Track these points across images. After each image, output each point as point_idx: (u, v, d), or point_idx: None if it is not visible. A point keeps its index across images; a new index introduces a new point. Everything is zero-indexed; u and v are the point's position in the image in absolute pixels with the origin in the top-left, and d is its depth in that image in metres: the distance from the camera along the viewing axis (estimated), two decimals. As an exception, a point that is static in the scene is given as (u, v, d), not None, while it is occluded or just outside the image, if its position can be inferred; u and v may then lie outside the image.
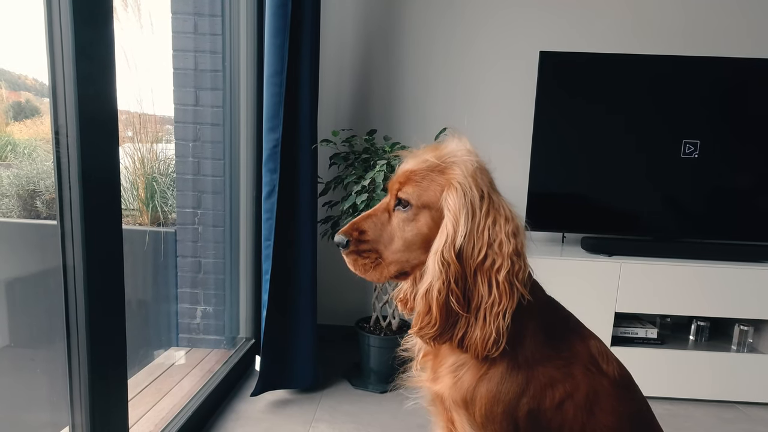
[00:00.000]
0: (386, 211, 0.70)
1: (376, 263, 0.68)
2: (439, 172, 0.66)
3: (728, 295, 1.76)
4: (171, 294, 1.98)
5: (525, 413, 0.64)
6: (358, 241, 0.68)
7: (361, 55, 2.10)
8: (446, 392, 0.68)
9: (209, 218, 1.93)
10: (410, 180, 0.67)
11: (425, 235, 0.67)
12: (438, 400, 0.71)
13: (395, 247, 0.68)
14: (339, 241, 0.70)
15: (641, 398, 0.75)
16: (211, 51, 1.86)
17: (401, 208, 0.68)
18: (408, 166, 0.70)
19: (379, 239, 0.68)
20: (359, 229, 0.69)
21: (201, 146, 1.90)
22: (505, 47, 2.05)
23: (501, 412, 0.64)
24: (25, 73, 1.61)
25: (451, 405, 0.68)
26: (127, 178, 1.97)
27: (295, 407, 1.64)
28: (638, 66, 1.85)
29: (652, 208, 1.92)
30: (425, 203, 0.66)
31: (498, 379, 0.64)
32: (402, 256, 0.68)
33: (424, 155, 0.69)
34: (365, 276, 0.70)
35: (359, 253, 0.68)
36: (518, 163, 2.08)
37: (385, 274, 0.69)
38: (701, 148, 1.84)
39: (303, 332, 1.71)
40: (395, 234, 0.68)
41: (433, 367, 0.72)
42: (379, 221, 0.69)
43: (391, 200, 0.70)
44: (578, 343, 0.70)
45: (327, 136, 1.81)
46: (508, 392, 0.64)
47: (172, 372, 1.78)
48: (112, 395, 1.02)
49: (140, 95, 1.87)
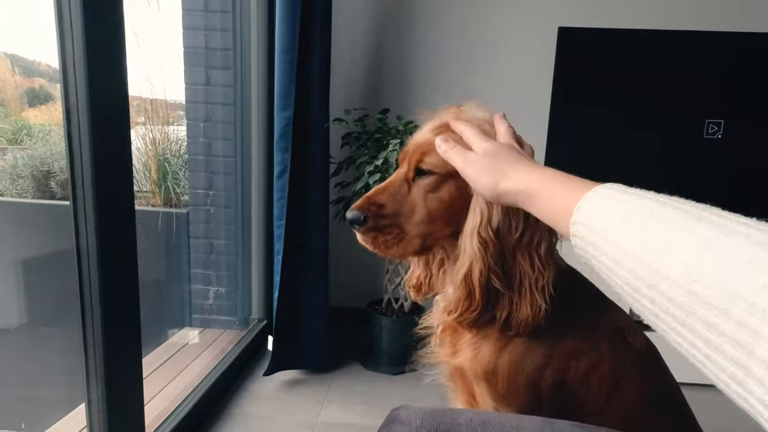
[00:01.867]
0: (404, 182, 0.65)
1: (399, 238, 0.64)
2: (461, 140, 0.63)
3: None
4: (184, 275, 1.99)
5: (549, 384, 0.62)
6: (377, 216, 0.63)
7: (374, 33, 2.05)
8: (467, 365, 0.66)
9: (221, 199, 1.92)
10: (433, 148, 0.62)
11: (449, 205, 0.63)
12: (458, 374, 0.69)
13: (417, 218, 0.64)
14: (354, 217, 0.63)
15: (669, 375, 0.72)
16: (221, 29, 1.82)
17: (424, 177, 0.64)
18: (426, 134, 0.66)
19: (399, 212, 0.64)
20: (377, 203, 0.64)
21: (212, 126, 1.89)
22: (522, 23, 1.99)
23: (524, 383, 0.62)
24: (38, 59, 1.61)
25: (472, 377, 0.66)
26: (139, 159, 1.97)
27: (307, 387, 1.65)
28: (660, 42, 1.77)
29: (673, 190, 1.86)
30: (451, 171, 0.61)
31: (521, 349, 0.62)
32: (425, 229, 0.64)
33: (442, 121, 0.66)
34: (387, 254, 0.65)
35: (380, 229, 0.63)
36: (534, 141, 2.02)
37: (410, 249, 0.65)
38: (725, 128, 1.78)
39: (315, 313, 1.71)
40: (417, 204, 0.64)
41: (452, 341, 0.70)
42: (398, 193, 0.64)
43: (409, 170, 0.66)
44: (603, 314, 0.67)
45: (339, 115, 1.78)
46: (532, 363, 0.62)
47: (185, 351, 1.80)
48: (128, 373, 1.03)
49: (151, 76, 1.85)
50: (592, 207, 0.39)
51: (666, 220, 0.32)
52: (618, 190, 0.39)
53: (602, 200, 0.38)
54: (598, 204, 0.38)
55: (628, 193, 0.37)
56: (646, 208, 0.33)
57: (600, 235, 0.36)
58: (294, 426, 1.43)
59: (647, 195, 0.36)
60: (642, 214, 0.33)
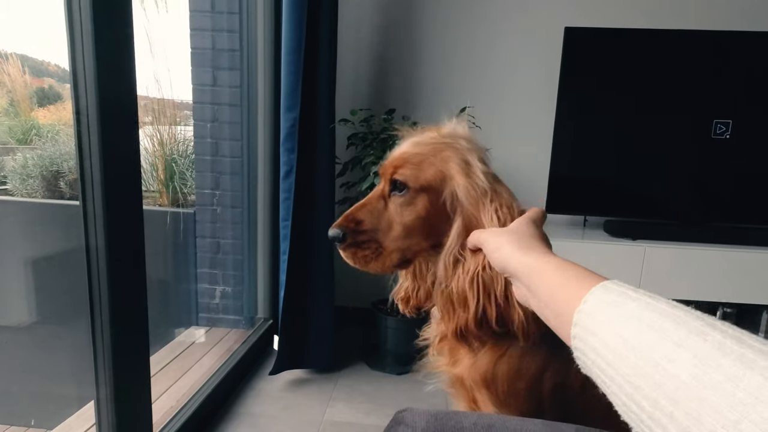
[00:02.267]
0: (381, 198, 0.66)
1: (377, 253, 0.65)
2: (440, 160, 0.63)
3: (756, 281, 1.70)
4: (191, 274, 2.00)
5: (549, 389, 0.62)
6: (355, 232, 0.65)
7: (380, 33, 2.06)
8: (466, 373, 0.66)
9: (227, 199, 1.93)
10: (407, 162, 0.63)
11: (424, 219, 0.64)
12: (458, 383, 0.70)
13: (395, 234, 0.65)
14: (334, 235, 0.65)
15: None
16: (228, 30, 1.84)
17: (398, 192, 0.65)
18: (402, 148, 0.66)
19: (377, 227, 0.65)
20: (355, 220, 0.66)
21: (219, 127, 1.90)
22: (528, 23, 1.98)
23: (524, 388, 0.62)
24: (47, 59, 1.62)
25: (473, 386, 0.66)
26: (146, 159, 1.99)
27: (313, 386, 1.66)
28: (668, 42, 1.76)
29: (680, 191, 1.86)
30: (424, 186, 0.63)
31: (518, 355, 0.62)
32: (403, 243, 0.65)
33: (420, 137, 0.67)
34: (366, 268, 0.66)
35: (358, 245, 0.65)
36: (540, 143, 2.02)
37: (388, 263, 0.66)
38: (733, 129, 1.76)
39: (321, 313, 1.72)
40: (394, 220, 0.65)
41: (451, 351, 0.71)
42: (375, 209, 0.66)
43: (385, 185, 0.66)
44: None
45: (345, 115, 1.79)
46: (530, 367, 0.62)
47: (192, 350, 1.82)
48: (135, 371, 1.04)
49: (159, 77, 1.87)
50: (592, 311, 0.37)
51: (668, 335, 0.30)
52: (617, 294, 0.36)
53: (602, 307, 0.36)
54: (597, 310, 0.36)
55: (628, 298, 0.35)
56: (644, 320, 0.32)
57: (600, 343, 0.34)
58: (300, 425, 1.44)
59: (643, 302, 0.34)
60: (640, 328, 0.31)
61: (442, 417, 0.36)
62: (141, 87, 1.81)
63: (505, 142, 2.06)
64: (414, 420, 0.35)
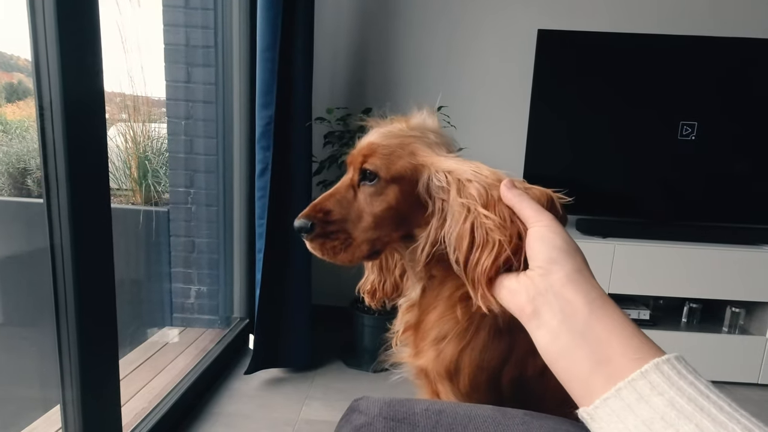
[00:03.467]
0: (350, 188, 0.64)
1: (346, 244, 0.63)
2: (409, 153, 0.63)
3: (721, 277, 1.76)
4: (164, 274, 1.97)
5: (509, 381, 0.63)
6: (324, 222, 0.62)
7: (357, 32, 2.06)
8: (429, 365, 0.67)
9: (202, 197, 1.91)
10: (376, 152, 0.61)
11: (395, 209, 0.62)
12: (422, 374, 0.70)
13: (365, 224, 0.63)
14: (301, 225, 0.62)
15: None
16: (202, 26, 1.81)
17: (368, 182, 0.63)
18: (372, 138, 0.65)
19: (346, 218, 0.63)
20: (323, 210, 0.63)
21: (193, 124, 1.87)
22: (503, 25, 2.01)
23: (485, 381, 0.63)
24: (17, 53, 1.57)
25: (436, 377, 0.67)
26: (119, 156, 1.95)
27: (289, 385, 1.66)
28: (637, 45, 1.81)
29: (648, 190, 1.92)
30: (395, 176, 0.61)
31: (481, 347, 0.63)
32: (373, 234, 0.63)
33: (390, 128, 0.66)
34: (335, 260, 0.64)
35: (327, 236, 0.62)
36: (514, 143, 2.06)
37: (358, 254, 0.63)
38: (698, 130, 1.82)
39: (297, 311, 1.71)
40: (364, 210, 0.63)
41: (415, 342, 0.71)
42: (344, 199, 0.63)
43: (354, 175, 0.64)
44: None
45: (321, 113, 1.79)
46: (491, 360, 0.63)
47: (166, 351, 1.79)
48: (104, 373, 1.02)
49: (131, 72, 1.83)
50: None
51: None
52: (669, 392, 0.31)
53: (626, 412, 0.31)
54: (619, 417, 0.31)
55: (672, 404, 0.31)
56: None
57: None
58: (275, 423, 1.43)
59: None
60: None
61: (396, 404, 0.37)
62: (113, 83, 1.78)
63: (480, 141, 2.09)
64: (368, 407, 0.36)
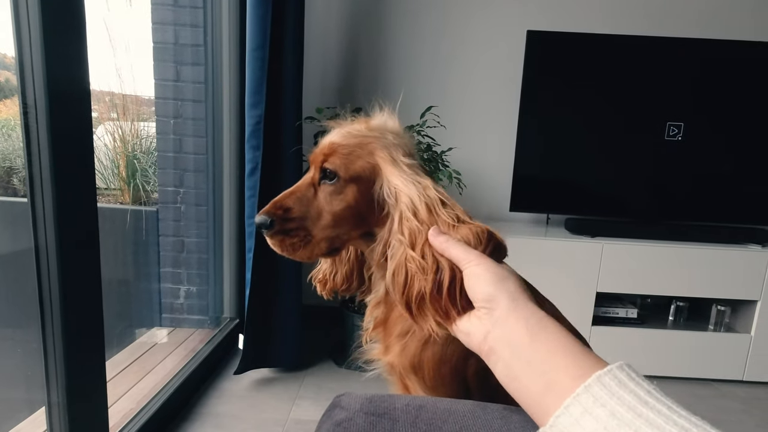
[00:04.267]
0: (311, 186, 0.65)
1: (305, 241, 0.64)
2: (368, 153, 0.64)
3: (707, 276, 1.79)
4: (153, 274, 1.96)
5: (473, 373, 0.64)
6: (283, 219, 0.64)
7: (347, 33, 2.06)
8: (396, 360, 0.68)
9: (192, 197, 1.90)
10: (336, 152, 0.63)
11: (354, 208, 0.64)
12: (391, 369, 0.72)
13: (324, 222, 0.64)
14: (261, 221, 0.63)
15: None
16: (191, 24, 1.80)
17: (328, 181, 0.64)
18: (333, 138, 0.66)
19: (306, 215, 0.64)
20: (283, 207, 0.64)
21: (182, 123, 1.86)
22: (492, 26, 2.02)
23: (449, 373, 0.64)
24: (3, 51, 1.55)
25: (402, 372, 0.68)
26: (107, 155, 1.93)
27: (279, 385, 1.65)
28: (625, 47, 1.83)
29: (635, 190, 1.94)
30: (353, 176, 0.63)
31: (443, 342, 0.64)
32: (332, 232, 0.65)
33: (350, 128, 0.67)
34: (294, 256, 0.65)
35: (286, 233, 0.64)
36: (504, 143, 2.07)
37: (317, 251, 0.65)
38: (685, 131, 1.85)
39: (287, 311, 1.71)
40: (323, 208, 0.64)
41: (384, 338, 0.72)
42: (304, 197, 0.64)
43: (315, 173, 0.65)
44: None
45: (311, 113, 1.78)
46: (453, 353, 0.64)
47: (154, 351, 1.78)
48: (90, 374, 1.01)
49: (120, 71, 1.82)
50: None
51: None
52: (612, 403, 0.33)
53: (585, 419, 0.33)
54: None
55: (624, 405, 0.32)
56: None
57: None
58: (264, 424, 1.42)
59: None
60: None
61: (377, 399, 0.37)
62: (102, 81, 1.76)
63: (471, 141, 2.10)
64: (350, 403, 0.36)
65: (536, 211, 2.04)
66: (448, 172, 1.67)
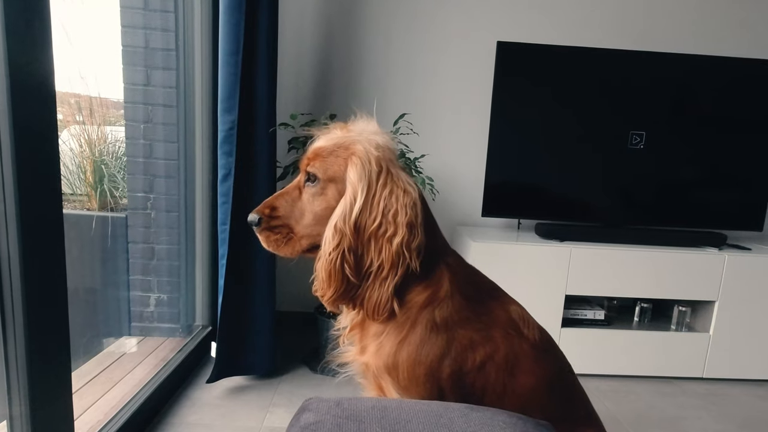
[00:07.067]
0: (297, 188, 0.73)
1: (288, 238, 0.71)
2: (344, 149, 0.69)
3: (669, 278, 1.87)
4: (122, 281, 1.91)
5: (448, 375, 0.66)
6: (269, 217, 0.71)
7: (321, 39, 2.07)
8: (371, 360, 0.70)
9: (162, 203, 1.86)
10: (318, 156, 0.69)
11: (333, 208, 0.69)
12: (366, 370, 0.73)
13: (306, 221, 0.71)
14: (251, 219, 0.72)
15: (562, 361, 0.79)
16: (162, 29, 1.78)
17: (310, 183, 0.71)
18: (317, 143, 0.72)
19: (290, 215, 0.71)
20: (271, 206, 0.72)
21: (153, 128, 1.83)
22: (464, 36, 2.07)
23: (423, 374, 0.66)
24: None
25: (376, 372, 0.70)
26: (73, 160, 1.88)
27: (253, 393, 1.63)
28: (591, 59, 1.91)
29: (601, 196, 2.01)
30: (331, 177, 0.69)
31: (418, 342, 0.67)
32: (313, 230, 0.71)
33: (333, 133, 0.73)
34: (278, 251, 0.73)
35: (271, 230, 0.71)
36: (476, 150, 2.11)
37: (297, 248, 0.72)
38: (647, 140, 1.93)
39: (261, 318, 1.69)
40: (306, 209, 0.71)
41: (360, 339, 0.75)
42: (290, 198, 0.72)
43: (301, 176, 0.73)
44: (498, 307, 0.73)
45: (286, 119, 1.78)
46: (428, 354, 0.66)
47: (123, 361, 1.73)
48: (55, 386, 0.98)
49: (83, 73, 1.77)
50: None
51: None
52: None
53: None
54: None
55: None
56: None
57: None
58: (237, 433, 1.41)
59: None
60: None
61: (344, 402, 0.38)
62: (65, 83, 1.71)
63: (443, 148, 2.13)
64: (318, 406, 0.37)
65: (507, 216, 2.09)
66: (421, 179, 1.70)
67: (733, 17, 2.09)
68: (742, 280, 1.85)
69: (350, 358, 0.76)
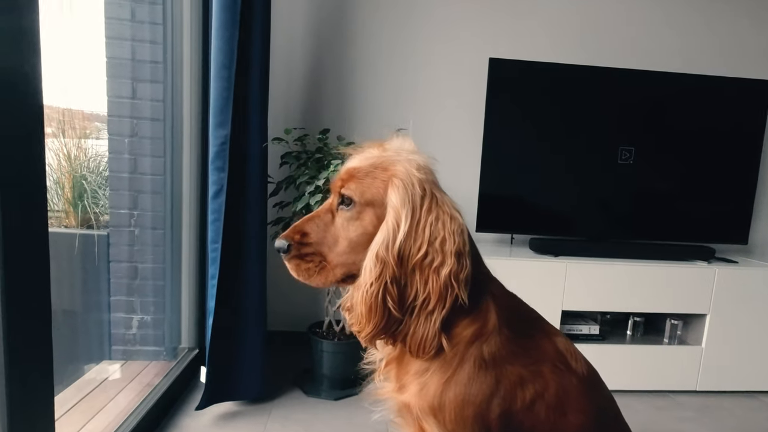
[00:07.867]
0: (329, 212, 0.66)
1: (320, 267, 0.64)
2: (382, 170, 0.63)
3: (661, 292, 1.88)
4: (102, 303, 1.81)
5: (497, 415, 0.62)
6: (300, 244, 0.64)
7: (313, 54, 2.05)
8: (413, 401, 0.65)
9: (147, 220, 1.79)
10: (353, 177, 0.63)
11: (371, 234, 0.63)
12: (405, 410, 0.68)
13: (340, 248, 0.64)
14: (279, 246, 0.65)
15: (608, 395, 0.76)
16: (150, 41, 1.73)
17: (344, 207, 0.64)
18: (351, 163, 0.66)
19: (323, 241, 0.64)
20: (301, 232, 0.65)
21: (138, 142, 1.76)
22: (456, 52, 2.08)
23: (472, 416, 0.62)
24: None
25: (420, 414, 0.65)
26: (50, 176, 1.79)
27: (245, 419, 1.56)
28: (582, 76, 1.94)
29: (593, 210, 2.03)
30: (369, 200, 0.62)
31: (466, 380, 0.62)
32: (348, 258, 0.64)
33: (368, 153, 0.67)
34: (309, 281, 0.65)
35: (302, 257, 0.64)
36: (469, 166, 2.11)
37: (331, 278, 0.65)
38: (636, 155, 1.96)
39: (252, 340, 1.62)
40: (339, 234, 0.64)
41: (397, 375, 0.69)
42: (322, 222, 0.65)
43: (334, 199, 0.66)
44: (544, 340, 0.70)
45: (278, 134, 1.75)
46: (478, 394, 0.62)
47: (105, 387, 1.63)
48: (37, 415, 0.91)
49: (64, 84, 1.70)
50: None
51: None
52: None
53: None
54: None
55: None
56: None
57: None
58: (230, 463, 1.33)
59: None
60: None
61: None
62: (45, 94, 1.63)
63: (437, 164, 2.12)
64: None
65: (501, 231, 2.08)
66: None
67: (719, 37, 2.16)
68: (731, 292, 1.88)
69: (386, 396, 0.70)
